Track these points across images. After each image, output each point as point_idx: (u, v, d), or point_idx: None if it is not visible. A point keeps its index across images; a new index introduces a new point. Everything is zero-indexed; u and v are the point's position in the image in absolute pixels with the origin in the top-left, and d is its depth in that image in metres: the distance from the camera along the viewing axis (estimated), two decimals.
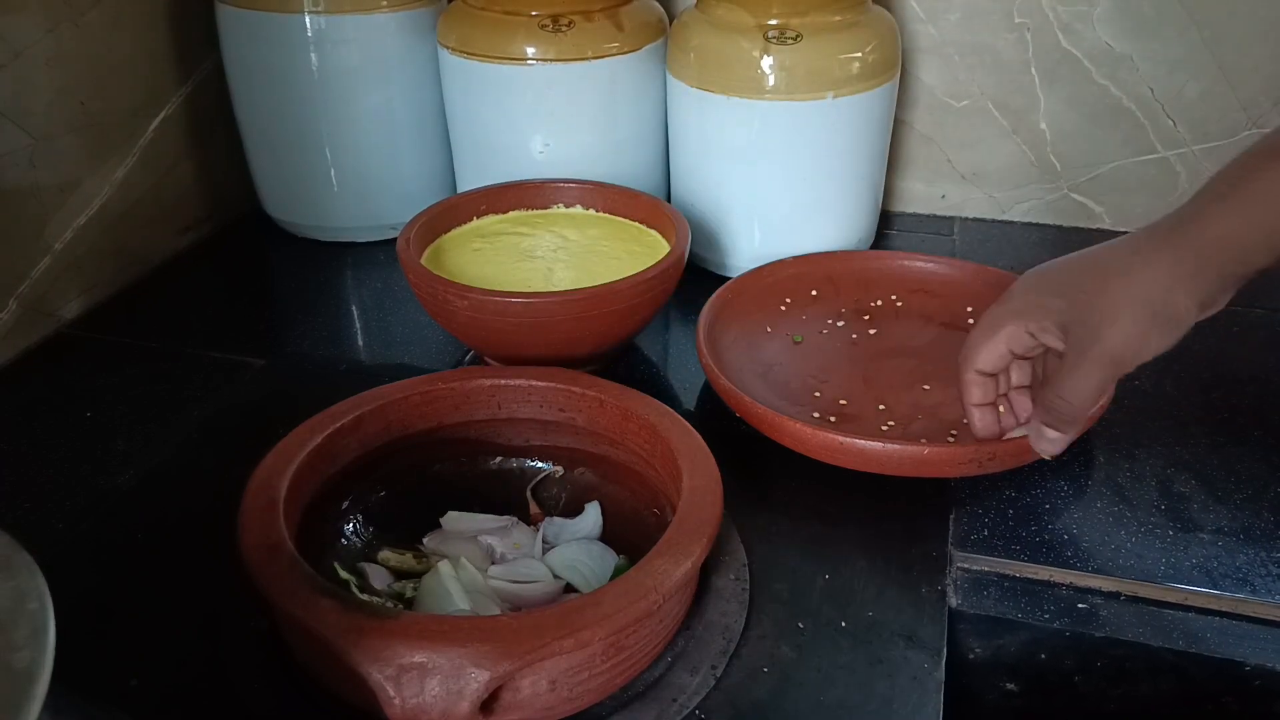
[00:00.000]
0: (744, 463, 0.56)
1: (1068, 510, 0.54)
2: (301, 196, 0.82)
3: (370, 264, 0.81)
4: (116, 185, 0.75)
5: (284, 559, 0.40)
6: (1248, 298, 0.76)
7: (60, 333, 0.71)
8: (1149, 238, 0.47)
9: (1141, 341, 0.46)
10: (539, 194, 0.72)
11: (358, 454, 0.51)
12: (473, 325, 0.60)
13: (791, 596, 0.48)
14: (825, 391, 0.62)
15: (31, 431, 0.61)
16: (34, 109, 0.67)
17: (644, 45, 0.75)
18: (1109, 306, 0.46)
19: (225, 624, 0.46)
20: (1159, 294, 0.45)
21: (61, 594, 0.25)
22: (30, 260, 0.69)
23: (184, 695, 0.43)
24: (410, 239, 0.64)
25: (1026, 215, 0.88)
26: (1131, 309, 0.46)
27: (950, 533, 0.52)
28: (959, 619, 0.49)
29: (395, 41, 0.77)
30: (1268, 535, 0.52)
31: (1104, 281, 0.47)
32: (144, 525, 0.53)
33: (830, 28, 0.69)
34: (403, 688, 0.36)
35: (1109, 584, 0.50)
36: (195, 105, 0.82)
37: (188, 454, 0.59)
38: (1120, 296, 0.46)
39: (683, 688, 0.43)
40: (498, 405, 0.53)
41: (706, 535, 0.42)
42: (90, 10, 0.71)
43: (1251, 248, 0.45)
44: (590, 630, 0.38)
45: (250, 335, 0.71)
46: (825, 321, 0.69)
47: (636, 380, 0.59)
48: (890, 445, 0.52)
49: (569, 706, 0.41)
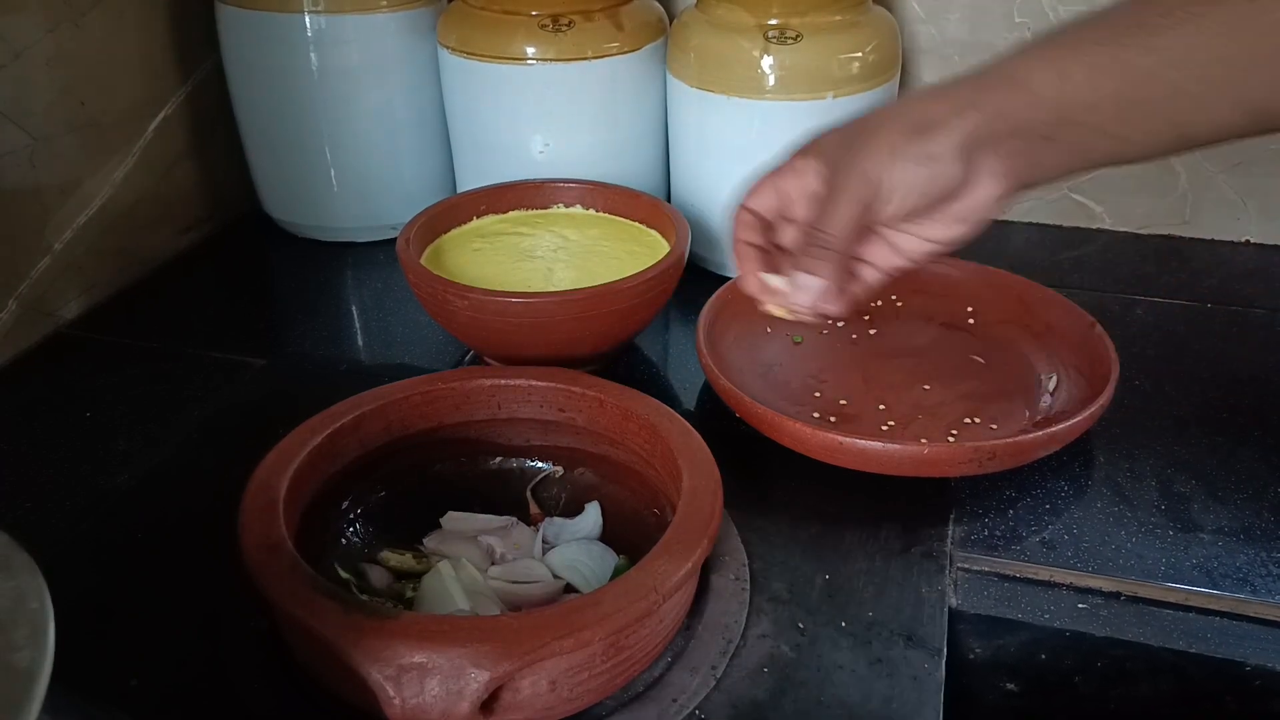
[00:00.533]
0: (744, 463, 0.56)
1: (1068, 510, 0.54)
2: (301, 196, 0.82)
3: (370, 264, 0.81)
4: (116, 185, 0.75)
5: (284, 559, 0.40)
6: (1248, 298, 0.76)
7: (60, 333, 0.71)
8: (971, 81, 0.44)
9: (889, 156, 0.43)
10: (539, 194, 0.72)
11: (358, 454, 0.51)
12: (473, 325, 0.60)
13: (791, 596, 0.48)
14: (825, 391, 0.62)
15: (31, 431, 0.61)
16: (34, 109, 0.67)
17: (644, 45, 0.75)
18: (869, 129, 0.44)
19: (225, 624, 0.46)
20: (918, 113, 0.43)
21: (61, 594, 0.25)
22: (30, 260, 0.69)
23: (184, 695, 0.43)
24: (410, 239, 0.64)
25: (1026, 215, 0.88)
26: (887, 125, 0.43)
27: (950, 533, 0.52)
28: (959, 619, 0.49)
29: (395, 41, 0.77)
30: (1268, 535, 0.52)
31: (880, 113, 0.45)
32: (144, 525, 0.53)
33: (830, 28, 0.69)
34: (403, 688, 0.36)
35: (1109, 584, 0.50)
36: (195, 105, 0.82)
37: (188, 454, 0.59)
38: (884, 119, 0.44)
39: (683, 688, 0.43)
40: (498, 405, 0.53)
41: (706, 535, 0.42)
42: (90, 10, 0.71)
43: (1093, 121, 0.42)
44: (590, 630, 0.38)
45: (250, 335, 0.71)
46: (825, 321, 0.69)
47: (636, 380, 0.59)
48: (890, 445, 0.52)
49: (569, 706, 0.41)
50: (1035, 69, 0.42)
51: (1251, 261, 0.80)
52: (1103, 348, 0.60)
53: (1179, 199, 0.83)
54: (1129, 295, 0.75)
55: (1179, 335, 0.70)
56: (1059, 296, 0.65)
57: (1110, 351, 0.59)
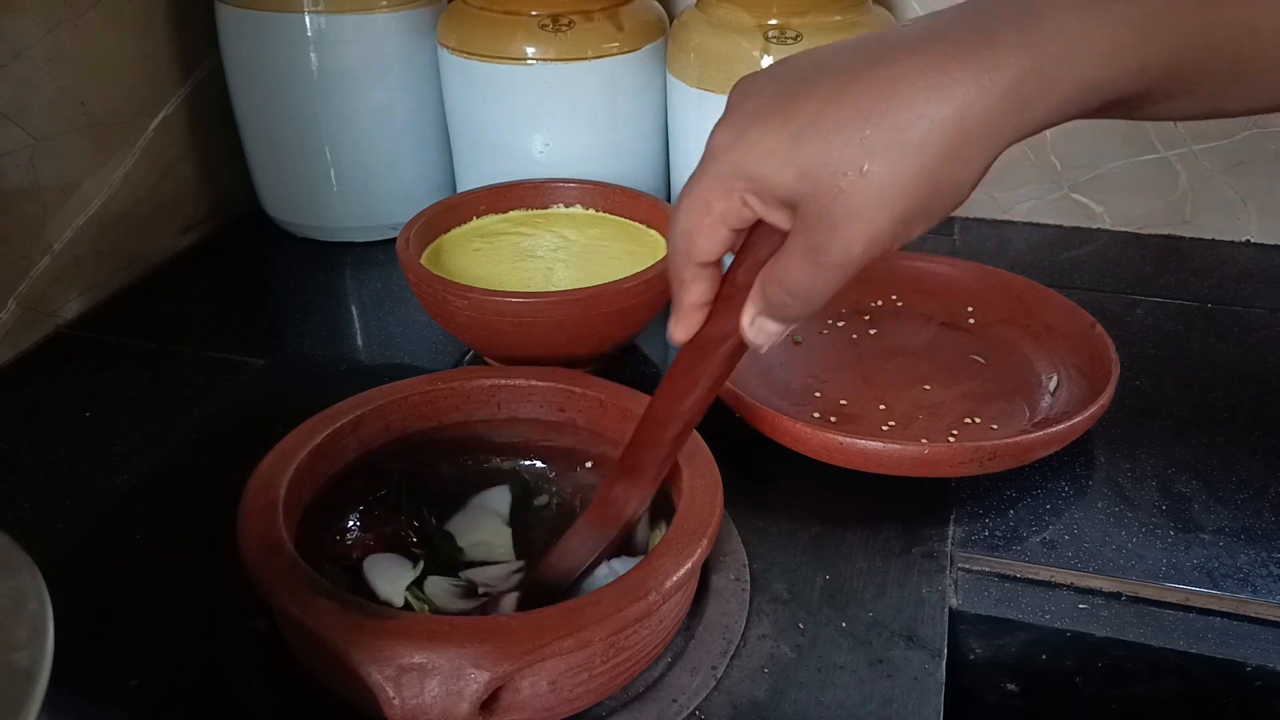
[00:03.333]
0: (744, 463, 0.56)
1: (1068, 510, 0.54)
2: (301, 196, 0.82)
3: (370, 264, 0.81)
4: (116, 185, 0.75)
5: (284, 559, 0.40)
6: (1248, 298, 0.76)
7: (60, 333, 0.71)
8: (954, 41, 0.30)
9: (896, 236, 0.32)
10: (539, 194, 0.72)
11: (358, 454, 0.50)
12: (473, 325, 0.60)
13: (791, 596, 0.48)
14: (825, 391, 0.62)
15: (31, 431, 0.61)
16: (34, 109, 0.67)
17: (644, 45, 0.75)
18: (859, 183, 0.30)
19: (225, 624, 0.46)
20: (947, 150, 0.30)
21: (61, 594, 0.25)
22: (30, 260, 0.69)
23: (184, 695, 0.43)
24: (410, 239, 0.64)
25: (1027, 215, 0.88)
26: (891, 190, 0.30)
27: (950, 533, 0.52)
28: (959, 619, 0.49)
29: (395, 41, 0.77)
30: (1269, 535, 0.52)
31: (862, 124, 0.30)
32: (144, 525, 0.53)
33: (830, 28, 0.69)
34: (402, 688, 0.36)
35: (1110, 584, 0.50)
36: (195, 105, 0.82)
37: (188, 454, 0.59)
38: (881, 155, 0.30)
39: (683, 688, 0.43)
40: (498, 405, 0.53)
41: (706, 535, 0.42)
42: (90, 10, 0.71)
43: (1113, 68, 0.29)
44: (590, 630, 0.38)
45: (250, 335, 0.71)
46: (825, 321, 0.69)
47: (636, 380, 0.59)
48: (890, 445, 0.52)
49: (569, 707, 0.41)
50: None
51: (1251, 261, 0.80)
52: (1103, 348, 0.60)
53: (1179, 199, 0.83)
54: (1129, 295, 0.75)
55: (1179, 335, 0.70)
56: (1059, 296, 0.65)
57: (1110, 351, 0.59)
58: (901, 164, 0.30)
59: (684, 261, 0.37)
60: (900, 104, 0.30)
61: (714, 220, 0.35)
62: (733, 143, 0.34)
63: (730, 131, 0.34)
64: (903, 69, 0.30)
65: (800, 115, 0.31)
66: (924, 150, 0.30)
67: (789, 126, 0.32)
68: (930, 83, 0.30)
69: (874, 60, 0.31)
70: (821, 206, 0.31)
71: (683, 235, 0.36)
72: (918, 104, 0.30)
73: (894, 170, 0.30)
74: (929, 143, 0.30)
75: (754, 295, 0.37)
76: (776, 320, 0.37)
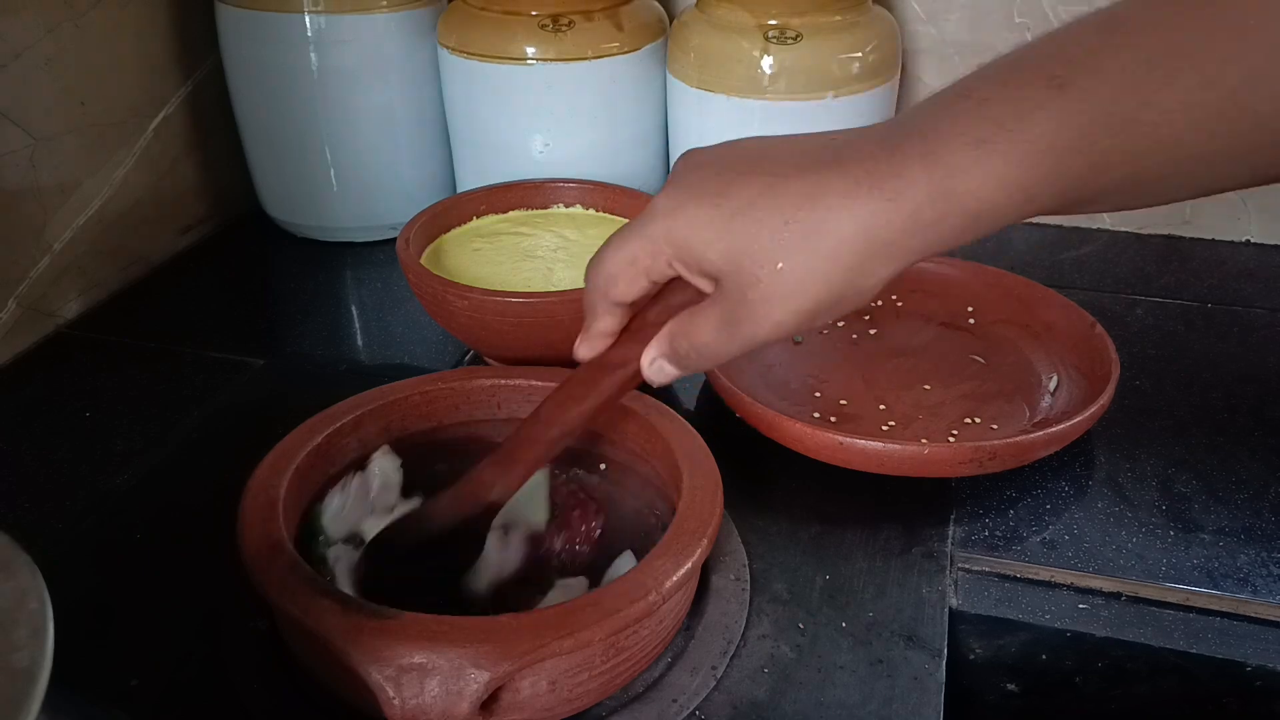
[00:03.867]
0: (744, 463, 0.56)
1: (1068, 510, 0.54)
2: (301, 196, 0.82)
3: (370, 264, 0.81)
4: (116, 185, 0.75)
5: (284, 559, 0.40)
6: (1248, 298, 0.76)
7: (60, 333, 0.71)
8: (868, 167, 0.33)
9: (801, 326, 0.36)
10: (539, 194, 0.72)
11: (358, 454, 0.50)
12: (473, 325, 0.60)
13: (791, 596, 0.48)
14: (825, 391, 0.62)
15: (31, 431, 0.61)
16: (34, 109, 0.67)
17: (644, 45, 0.75)
18: (775, 277, 0.34)
19: (225, 624, 0.46)
20: (853, 262, 0.33)
21: (61, 594, 0.25)
22: (30, 260, 0.69)
23: (184, 695, 0.43)
24: (410, 239, 0.64)
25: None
26: (800, 289, 0.34)
27: (951, 533, 0.52)
28: (959, 619, 0.49)
29: (395, 41, 0.77)
30: (1269, 535, 0.52)
31: (783, 225, 0.34)
32: (144, 525, 0.53)
33: (830, 28, 0.69)
34: (402, 688, 0.36)
35: (1110, 584, 0.50)
36: (195, 105, 0.82)
37: (188, 454, 0.59)
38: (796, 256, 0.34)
39: (683, 688, 0.43)
40: (498, 405, 0.53)
41: (706, 535, 0.42)
42: (90, 10, 0.71)
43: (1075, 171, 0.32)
44: (590, 630, 0.38)
45: (250, 335, 0.71)
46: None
47: None
48: (890, 445, 0.52)
49: (569, 707, 0.41)
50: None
51: (1251, 261, 0.80)
52: (1103, 348, 0.60)
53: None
54: (1129, 295, 0.75)
55: (1179, 335, 0.70)
56: (1059, 296, 0.65)
57: (1111, 351, 0.59)
58: (811, 267, 0.34)
59: (600, 298, 0.41)
60: (819, 214, 0.33)
61: (637, 272, 0.39)
62: (671, 211, 0.37)
63: (671, 200, 0.37)
64: (827, 183, 0.34)
65: (734, 199, 0.35)
66: (833, 260, 0.34)
67: (723, 209, 0.35)
68: (844, 201, 0.33)
69: (805, 167, 0.34)
70: (739, 289, 0.35)
71: (606, 276, 0.40)
72: (831, 219, 0.33)
73: (806, 272, 0.34)
74: (838, 254, 0.34)
75: (661, 339, 0.40)
76: (675, 366, 0.40)
